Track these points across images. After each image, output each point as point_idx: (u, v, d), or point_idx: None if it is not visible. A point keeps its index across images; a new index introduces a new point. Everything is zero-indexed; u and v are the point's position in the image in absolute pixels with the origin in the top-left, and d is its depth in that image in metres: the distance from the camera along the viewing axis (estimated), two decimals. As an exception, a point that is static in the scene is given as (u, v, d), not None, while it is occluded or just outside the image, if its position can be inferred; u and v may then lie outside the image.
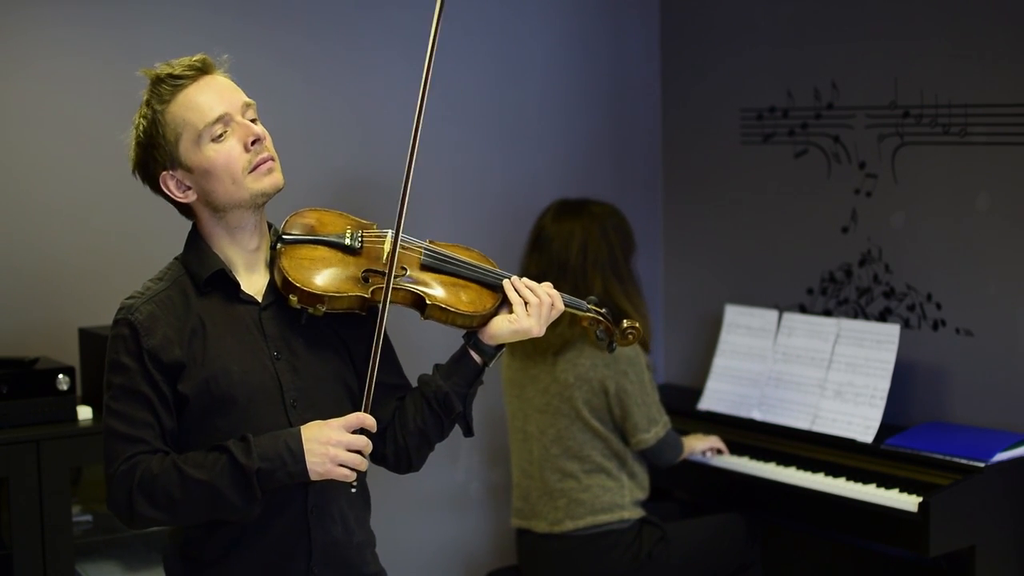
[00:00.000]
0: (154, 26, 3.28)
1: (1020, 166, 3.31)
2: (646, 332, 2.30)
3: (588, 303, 2.36)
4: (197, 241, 2.16)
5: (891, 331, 3.46)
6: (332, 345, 2.17)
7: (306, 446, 1.99)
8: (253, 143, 2.08)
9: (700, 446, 3.55)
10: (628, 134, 4.24)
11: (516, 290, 2.19)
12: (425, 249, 2.20)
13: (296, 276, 2.08)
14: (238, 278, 2.13)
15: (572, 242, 3.32)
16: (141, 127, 2.10)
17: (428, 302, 2.13)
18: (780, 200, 3.93)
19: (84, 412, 2.96)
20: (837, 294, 3.78)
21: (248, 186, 2.08)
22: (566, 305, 2.26)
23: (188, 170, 2.08)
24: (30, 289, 3.15)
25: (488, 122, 3.92)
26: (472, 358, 2.17)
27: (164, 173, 2.10)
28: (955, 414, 3.49)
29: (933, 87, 3.48)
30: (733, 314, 3.88)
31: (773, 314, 3.77)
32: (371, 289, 2.12)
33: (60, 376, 2.90)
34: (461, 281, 2.19)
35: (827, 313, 3.79)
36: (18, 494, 2.79)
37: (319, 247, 2.14)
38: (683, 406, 3.83)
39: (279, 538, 2.11)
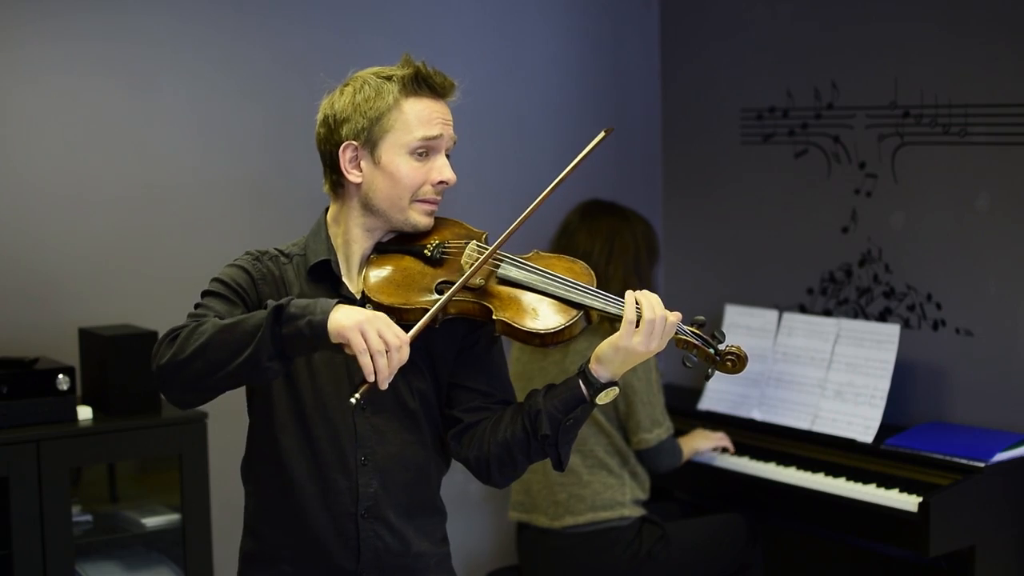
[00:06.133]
0: (155, 20, 3.29)
1: (1020, 166, 3.31)
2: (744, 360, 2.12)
3: (689, 324, 2.08)
4: (321, 226, 2.16)
5: (891, 331, 3.46)
6: (412, 351, 2.08)
7: (343, 308, 1.89)
8: (439, 183, 2.10)
9: (705, 445, 3.55)
10: (628, 134, 4.24)
11: (635, 304, 2.01)
12: (503, 261, 2.11)
13: (370, 286, 2.07)
14: (347, 272, 2.13)
15: (599, 235, 3.36)
16: (368, 93, 2.07)
17: (495, 316, 2.06)
18: (780, 200, 3.93)
19: (84, 412, 2.96)
20: (837, 294, 3.78)
21: (406, 211, 2.10)
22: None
23: (373, 161, 2.08)
24: (30, 289, 3.15)
25: (488, 122, 3.92)
26: (578, 385, 2.07)
27: (351, 143, 2.08)
28: (955, 414, 3.49)
29: (933, 87, 3.47)
30: (733, 314, 3.88)
31: (773, 314, 3.77)
32: None
33: (60, 376, 2.90)
34: (538, 296, 2.07)
35: (827, 313, 3.79)
36: (18, 494, 2.79)
37: (406, 256, 2.12)
38: (683, 406, 3.83)
39: (327, 535, 2.10)
